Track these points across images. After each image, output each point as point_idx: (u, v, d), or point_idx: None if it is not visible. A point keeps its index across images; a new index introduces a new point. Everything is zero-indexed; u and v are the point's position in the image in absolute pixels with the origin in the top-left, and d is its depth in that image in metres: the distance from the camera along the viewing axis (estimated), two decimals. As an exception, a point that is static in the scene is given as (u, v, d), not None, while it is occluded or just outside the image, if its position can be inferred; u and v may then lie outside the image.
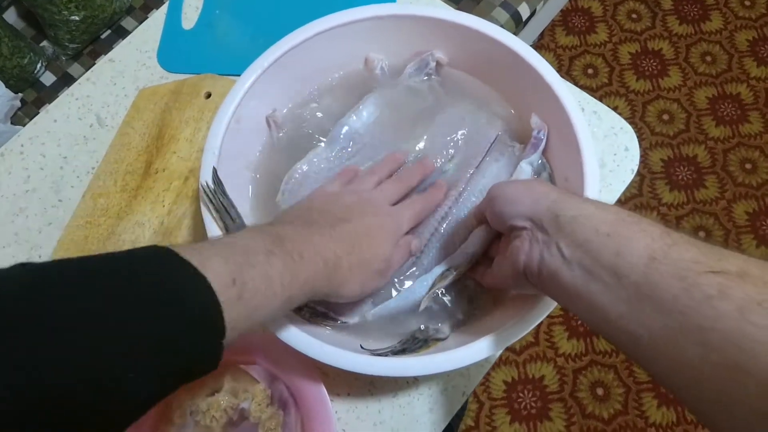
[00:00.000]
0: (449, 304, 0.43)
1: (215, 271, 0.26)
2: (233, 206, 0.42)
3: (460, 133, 0.47)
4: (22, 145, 0.60)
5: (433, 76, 0.49)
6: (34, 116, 0.63)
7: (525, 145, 0.46)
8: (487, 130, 0.47)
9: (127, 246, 0.52)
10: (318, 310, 0.41)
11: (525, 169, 0.44)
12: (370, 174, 0.44)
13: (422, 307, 0.41)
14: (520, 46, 0.45)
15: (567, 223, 0.29)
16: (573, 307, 0.30)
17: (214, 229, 0.41)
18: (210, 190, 0.41)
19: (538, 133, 0.45)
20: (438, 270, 0.41)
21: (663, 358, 0.24)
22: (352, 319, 0.41)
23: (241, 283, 0.27)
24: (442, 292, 0.42)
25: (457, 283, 0.42)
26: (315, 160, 0.47)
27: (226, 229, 0.41)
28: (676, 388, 0.24)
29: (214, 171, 0.42)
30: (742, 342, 0.21)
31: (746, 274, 0.22)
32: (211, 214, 0.41)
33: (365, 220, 0.38)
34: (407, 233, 0.42)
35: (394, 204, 0.42)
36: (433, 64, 0.49)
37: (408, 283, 0.43)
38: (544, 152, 0.45)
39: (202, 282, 0.26)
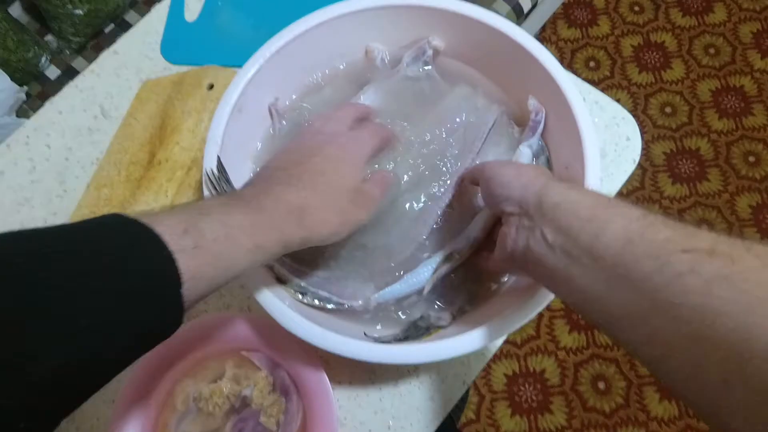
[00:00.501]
0: (451, 292, 0.43)
1: (164, 224, 0.26)
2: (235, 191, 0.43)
3: (458, 120, 0.47)
4: (27, 136, 0.60)
5: (430, 65, 0.49)
6: (39, 109, 0.63)
7: (523, 129, 0.46)
8: (484, 114, 0.47)
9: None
10: (321, 295, 0.41)
11: (524, 153, 0.44)
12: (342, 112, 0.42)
13: (426, 290, 0.41)
14: (522, 35, 0.45)
15: (550, 210, 0.30)
16: (557, 291, 0.31)
17: None
18: (214, 177, 0.42)
19: (536, 115, 0.45)
20: (440, 255, 0.42)
21: (638, 334, 0.25)
22: (356, 302, 0.41)
23: (196, 232, 0.27)
24: (444, 278, 0.43)
25: (459, 270, 0.42)
26: None
27: None
28: (651, 363, 0.25)
29: (219, 159, 0.43)
30: (707, 314, 0.22)
31: (715, 251, 0.23)
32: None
33: (323, 154, 0.37)
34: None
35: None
36: (430, 52, 0.49)
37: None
38: (543, 135, 0.45)
39: (148, 234, 0.26)
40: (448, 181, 0.44)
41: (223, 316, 0.45)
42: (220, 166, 0.43)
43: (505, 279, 0.44)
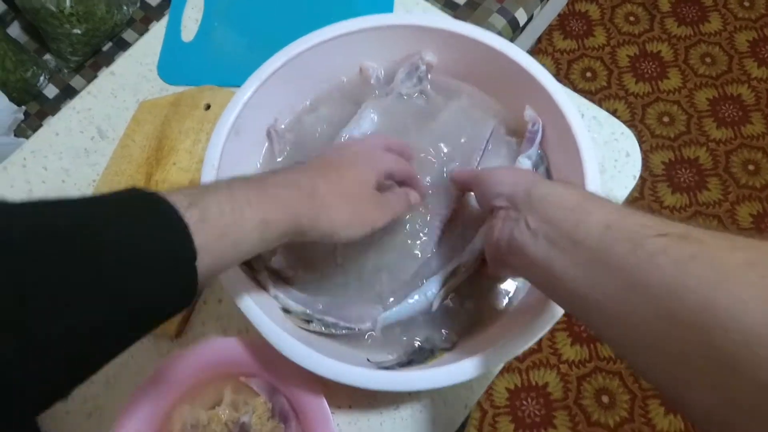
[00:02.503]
0: (455, 312, 0.42)
1: (171, 198, 0.27)
2: None
3: (457, 133, 0.47)
4: (24, 159, 0.60)
5: (424, 81, 0.49)
6: (37, 128, 0.63)
7: (521, 140, 0.46)
8: (481, 127, 0.47)
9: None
10: (328, 321, 0.41)
11: (524, 164, 0.44)
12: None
13: (435, 306, 0.41)
14: (518, 53, 0.45)
15: (537, 201, 0.31)
16: (536, 280, 0.32)
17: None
18: None
19: (533, 126, 0.45)
20: (446, 270, 0.41)
21: (611, 317, 0.26)
22: (364, 325, 0.41)
23: (202, 207, 0.27)
24: (451, 297, 0.42)
25: (464, 290, 0.42)
26: None
27: (249, 263, 0.42)
28: (618, 344, 0.27)
29: None
30: (675, 291, 0.23)
31: (688, 235, 0.24)
32: None
33: (341, 152, 0.39)
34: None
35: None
36: (423, 67, 0.49)
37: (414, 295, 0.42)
38: (542, 147, 0.45)
39: (164, 204, 0.26)
40: (450, 196, 0.44)
41: (221, 341, 0.44)
42: None
43: (510, 295, 0.43)
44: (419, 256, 0.43)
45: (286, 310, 0.42)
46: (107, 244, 0.24)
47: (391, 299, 0.42)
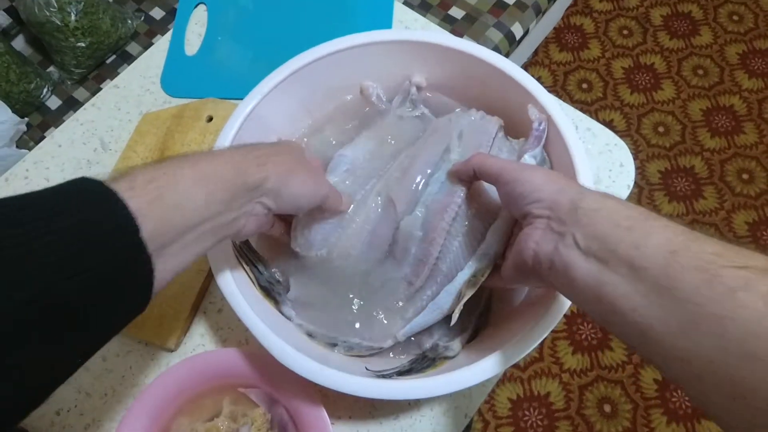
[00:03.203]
0: (462, 319, 0.42)
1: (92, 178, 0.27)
2: (260, 259, 0.45)
3: (456, 132, 0.45)
4: (26, 170, 0.61)
5: (418, 105, 0.50)
6: (39, 140, 0.64)
7: (526, 139, 0.44)
8: (484, 123, 0.45)
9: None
10: (352, 342, 0.41)
11: (528, 162, 0.42)
12: None
13: (454, 320, 0.39)
14: (512, 67, 0.46)
15: (586, 215, 0.28)
16: (581, 300, 0.29)
17: (222, 265, 0.41)
18: (236, 245, 0.43)
19: (539, 125, 0.43)
20: (462, 277, 0.39)
21: (676, 349, 0.24)
22: (386, 343, 0.41)
23: (129, 178, 0.27)
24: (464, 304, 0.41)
25: (472, 299, 0.41)
26: None
27: (257, 282, 0.43)
28: (685, 381, 0.24)
29: None
30: (762, 331, 0.20)
31: None
32: (242, 265, 0.42)
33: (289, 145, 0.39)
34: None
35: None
36: (414, 90, 0.50)
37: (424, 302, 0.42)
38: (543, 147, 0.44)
39: (92, 182, 0.26)
40: (454, 192, 0.41)
41: (220, 352, 0.45)
42: None
43: (514, 301, 0.43)
44: (426, 260, 0.41)
45: (310, 335, 0.42)
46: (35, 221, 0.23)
47: (410, 310, 0.42)
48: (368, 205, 0.43)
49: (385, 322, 0.42)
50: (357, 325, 0.42)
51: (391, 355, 0.43)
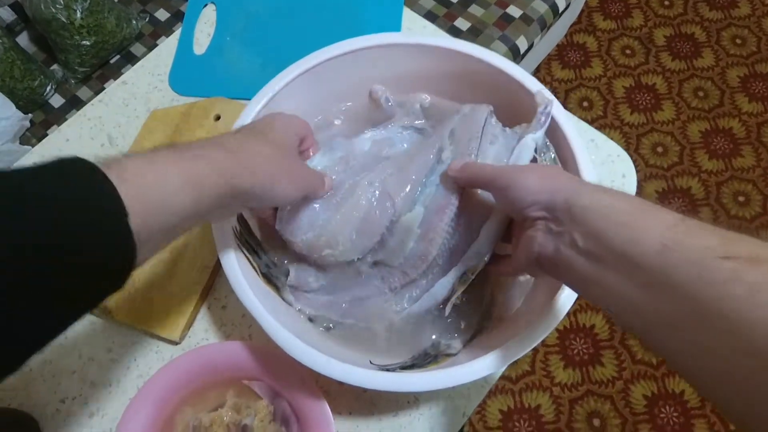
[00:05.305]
0: (463, 316, 0.43)
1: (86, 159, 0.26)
2: (260, 245, 0.45)
3: (447, 131, 0.45)
4: (33, 164, 0.61)
5: (420, 118, 0.51)
6: (42, 137, 0.64)
7: (530, 123, 0.43)
8: (473, 113, 0.44)
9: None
10: (348, 323, 0.42)
11: (528, 144, 0.42)
12: None
13: (447, 311, 0.41)
14: (517, 70, 0.47)
15: (580, 214, 0.29)
16: (588, 295, 0.30)
17: (232, 260, 0.42)
18: (237, 232, 0.43)
19: (545, 108, 0.42)
20: (455, 273, 0.41)
21: (676, 342, 0.24)
22: (380, 325, 0.42)
23: (117, 165, 0.26)
24: (461, 299, 0.42)
25: (473, 295, 0.43)
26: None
27: (258, 269, 0.43)
28: (688, 372, 0.25)
29: (240, 214, 0.45)
30: (751, 322, 0.21)
31: (757, 258, 0.22)
32: (243, 253, 0.43)
33: (260, 121, 0.39)
34: None
35: None
36: (417, 106, 0.51)
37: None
38: (548, 135, 0.44)
39: (81, 162, 0.26)
40: (451, 194, 0.42)
41: (224, 345, 0.45)
42: (241, 218, 0.45)
43: (516, 302, 0.44)
44: (425, 257, 0.42)
45: (311, 320, 0.43)
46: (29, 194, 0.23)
47: (405, 296, 0.43)
48: (357, 193, 0.43)
49: (380, 302, 0.43)
50: (351, 308, 0.43)
51: (393, 358, 0.43)
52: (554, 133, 0.44)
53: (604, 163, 0.56)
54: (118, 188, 0.25)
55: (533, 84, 0.46)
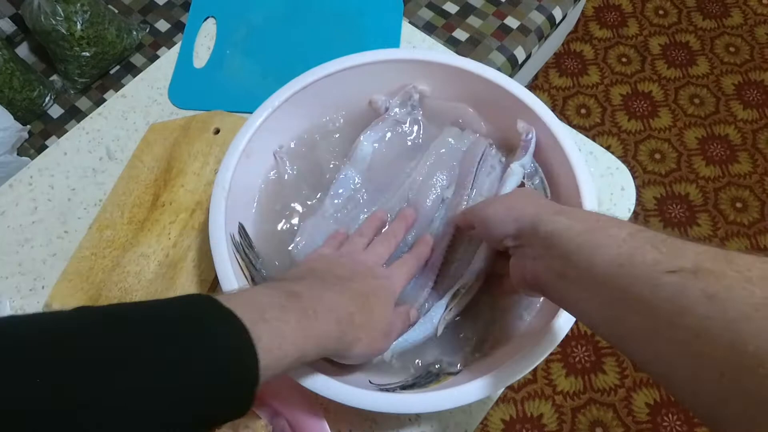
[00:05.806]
0: (463, 337, 0.43)
1: (237, 311, 0.28)
2: (258, 258, 0.45)
3: (450, 159, 0.48)
4: (31, 177, 0.61)
5: (416, 109, 0.51)
6: (41, 148, 0.64)
7: (515, 151, 0.47)
8: (473, 149, 0.48)
9: (131, 277, 0.52)
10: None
11: (516, 171, 0.45)
12: (358, 236, 0.44)
13: (440, 331, 0.41)
14: (516, 87, 0.47)
15: (547, 239, 0.31)
16: (572, 313, 0.32)
17: (229, 274, 0.41)
18: (237, 243, 0.44)
19: (527, 136, 0.46)
20: (450, 294, 0.42)
21: (645, 353, 0.26)
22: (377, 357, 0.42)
23: (255, 338, 0.27)
24: (457, 320, 0.43)
25: (472, 314, 0.43)
26: (320, 213, 0.48)
27: (253, 280, 0.43)
28: (661, 381, 0.26)
29: (241, 226, 0.45)
30: (700, 333, 0.22)
31: (699, 269, 0.24)
32: (239, 264, 0.43)
33: (367, 281, 0.39)
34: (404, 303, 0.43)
35: (386, 264, 0.43)
36: (416, 96, 0.51)
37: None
38: (537, 158, 0.46)
39: (237, 323, 0.27)
40: (446, 224, 0.46)
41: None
42: (243, 231, 0.45)
43: (521, 318, 0.44)
44: (425, 286, 0.44)
45: None
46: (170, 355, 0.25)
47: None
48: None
49: None
50: None
51: (393, 377, 0.43)
52: (553, 150, 0.45)
53: (603, 176, 0.56)
54: (253, 335, 0.27)
55: (530, 99, 0.46)
